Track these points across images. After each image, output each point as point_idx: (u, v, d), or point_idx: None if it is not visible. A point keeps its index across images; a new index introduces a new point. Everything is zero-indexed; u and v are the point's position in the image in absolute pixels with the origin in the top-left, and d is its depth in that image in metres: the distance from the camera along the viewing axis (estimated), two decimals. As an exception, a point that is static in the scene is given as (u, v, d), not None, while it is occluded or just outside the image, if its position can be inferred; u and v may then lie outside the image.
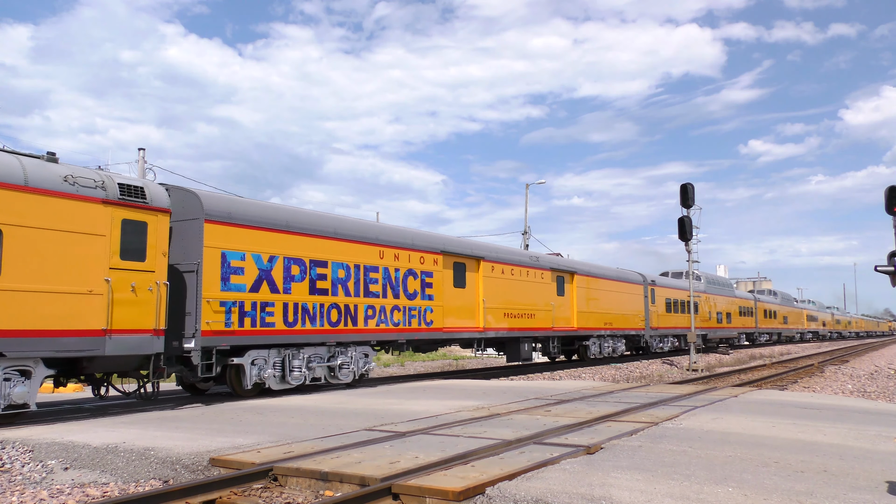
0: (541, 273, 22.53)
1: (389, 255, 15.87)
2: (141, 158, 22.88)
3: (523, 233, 38.81)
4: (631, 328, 28.91)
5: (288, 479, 6.09)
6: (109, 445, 7.24)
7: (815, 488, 5.30)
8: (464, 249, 18.97)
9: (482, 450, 6.82)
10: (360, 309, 14.87)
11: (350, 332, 14.59)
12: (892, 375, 23.62)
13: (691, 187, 24.46)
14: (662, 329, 32.22)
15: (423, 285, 16.84)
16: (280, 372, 13.06)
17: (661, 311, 32.20)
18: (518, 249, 22.79)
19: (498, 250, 20.89)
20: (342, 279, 14.48)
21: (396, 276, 15.98)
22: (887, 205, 5.60)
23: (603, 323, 26.26)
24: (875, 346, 59.41)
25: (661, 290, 32.71)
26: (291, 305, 13.31)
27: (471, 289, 19.02)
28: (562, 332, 23.44)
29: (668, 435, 7.82)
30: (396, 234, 16.50)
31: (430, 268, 17.19)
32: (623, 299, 28.47)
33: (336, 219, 15.15)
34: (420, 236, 17.45)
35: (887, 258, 5.49)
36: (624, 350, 28.50)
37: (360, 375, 14.93)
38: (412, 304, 16.43)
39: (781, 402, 11.71)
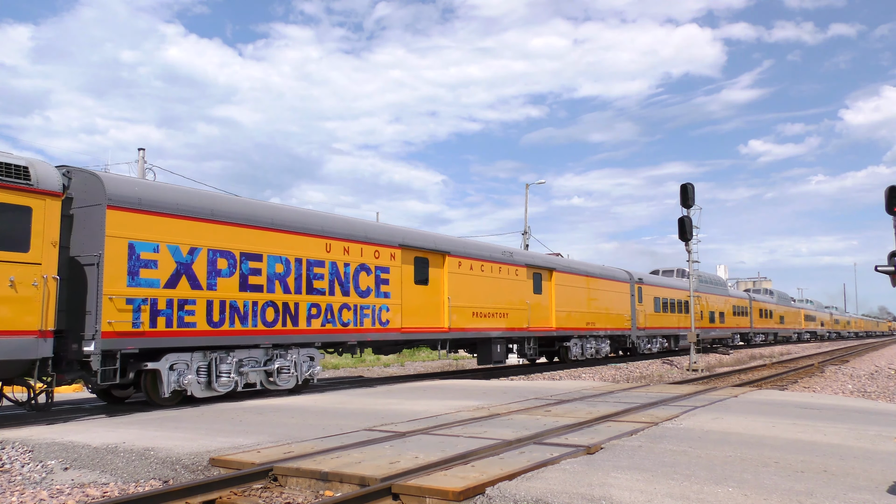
0: (515, 269, 21.13)
1: (338, 249, 14.50)
2: (141, 158, 22.88)
3: (523, 233, 38.81)
4: (616, 328, 27.64)
5: (288, 479, 6.09)
6: (109, 445, 7.24)
7: (815, 488, 5.30)
8: (426, 243, 17.48)
9: (482, 450, 6.82)
10: (303, 307, 13.52)
11: (289, 333, 13.23)
12: (892, 375, 23.62)
13: (691, 187, 24.45)
14: (651, 329, 31.06)
15: (377, 282, 15.50)
16: (206, 377, 11.76)
17: (649, 310, 31.03)
18: (489, 244, 21.26)
19: (466, 245, 19.48)
20: (280, 274, 13.15)
21: (346, 271, 14.62)
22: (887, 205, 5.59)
23: (585, 323, 25.06)
24: (875, 346, 59.41)
25: (650, 288, 31.49)
26: (217, 303, 11.94)
27: (435, 286, 17.60)
28: (539, 333, 22.14)
29: (668, 435, 7.82)
30: (346, 226, 15.12)
31: (387, 263, 15.85)
32: (607, 298, 27.16)
33: (273, 207, 13.74)
34: (374, 228, 16.16)
35: (887, 258, 5.49)
36: (608, 351, 27.41)
37: (304, 380, 13.63)
38: (364, 303, 15.04)
39: (781, 402, 11.71)
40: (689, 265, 26.70)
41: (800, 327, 66.22)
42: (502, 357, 20.15)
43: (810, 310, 74.96)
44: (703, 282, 38.80)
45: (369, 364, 27.83)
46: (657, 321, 31.91)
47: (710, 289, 40.08)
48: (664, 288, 33.33)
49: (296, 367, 13.33)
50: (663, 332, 32.65)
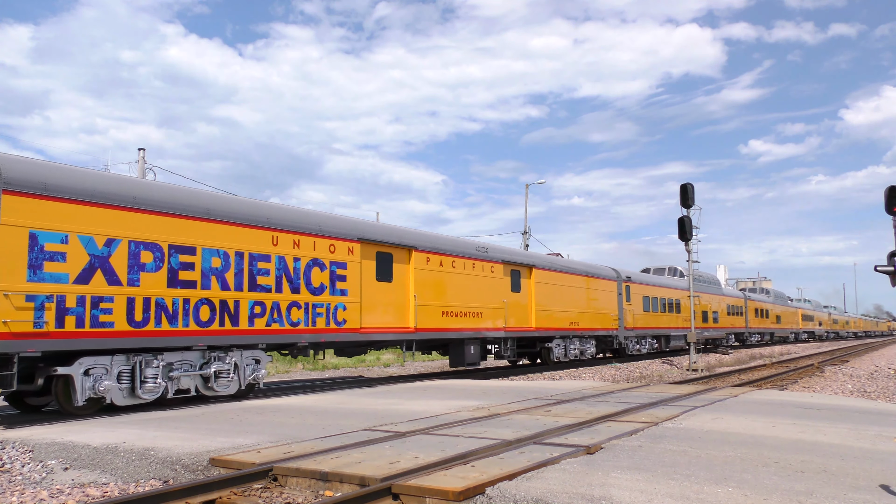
0: (490, 266, 19.92)
1: (286, 242, 13.37)
2: (141, 158, 22.89)
3: (523, 233, 38.82)
4: (601, 328, 26.46)
5: (288, 479, 6.10)
6: (109, 445, 7.24)
7: (815, 488, 5.31)
8: (389, 237, 16.32)
9: (482, 450, 6.83)
10: (244, 306, 12.39)
11: (228, 334, 12.10)
12: (892, 375, 23.62)
13: (691, 187, 24.45)
14: (640, 329, 29.84)
15: (333, 278, 14.34)
16: (129, 383, 10.69)
17: (638, 310, 29.85)
18: (461, 239, 19.80)
19: (435, 239, 18.15)
20: (217, 269, 11.98)
21: (296, 266, 13.48)
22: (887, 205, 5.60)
23: (568, 323, 23.86)
24: (875, 346, 59.42)
25: (639, 287, 30.34)
26: (140, 301, 10.76)
27: (399, 283, 16.45)
28: (517, 333, 20.97)
29: (668, 435, 7.82)
30: (296, 217, 13.92)
31: (344, 258, 14.70)
32: (592, 297, 25.97)
33: (209, 196, 12.54)
34: (329, 220, 14.85)
35: (887, 258, 5.50)
36: (594, 352, 26.22)
37: (248, 385, 12.58)
38: (317, 301, 13.89)
39: (781, 402, 11.71)
40: (689, 265, 26.69)
41: (797, 327, 65.03)
42: (476, 359, 19.08)
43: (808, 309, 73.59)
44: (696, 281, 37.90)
45: (369, 364, 27.84)
46: (647, 321, 30.77)
47: (704, 287, 38.99)
48: (654, 287, 32.28)
49: (238, 370, 12.28)
50: (653, 333, 31.53)
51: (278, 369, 23.81)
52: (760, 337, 51.72)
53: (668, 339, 33.23)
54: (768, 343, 54.12)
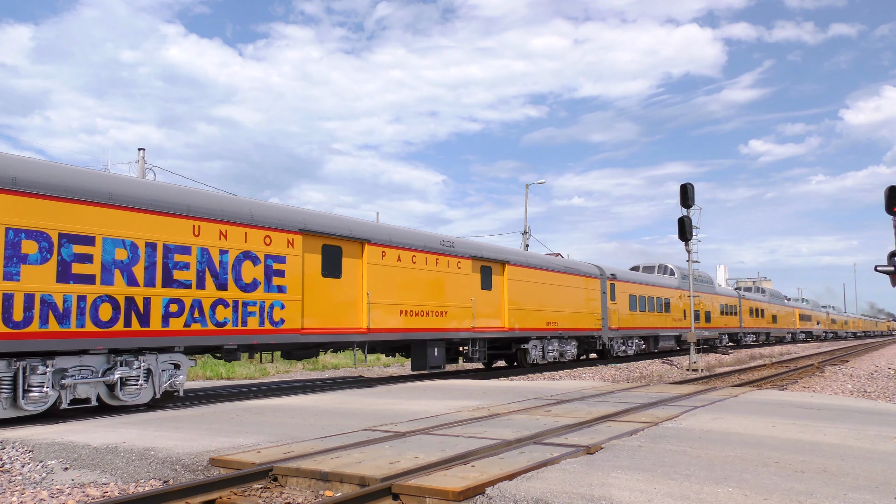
0: (457, 262, 18.42)
1: (211, 233, 11.94)
2: (141, 159, 22.89)
3: (523, 233, 38.82)
4: (583, 328, 25.07)
5: (288, 480, 6.09)
6: (109, 445, 7.24)
7: (815, 488, 5.31)
8: (337, 229, 14.87)
9: (482, 450, 6.83)
10: (157, 303, 10.96)
11: (136, 335, 10.67)
12: (892, 375, 23.62)
13: (691, 187, 24.46)
14: (625, 330, 28.46)
15: (268, 273, 12.95)
16: (10, 392, 9.32)
17: (623, 309, 28.46)
18: (424, 232, 18.23)
19: (392, 232, 16.70)
20: (122, 262, 10.57)
21: (223, 260, 12.07)
22: (887, 205, 5.61)
23: (545, 322, 22.46)
24: (875, 346, 59.41)
25: (625, 285, 28.95)
26: (20, 297, 9.44)
27: (350, 279, 15.02)
28: (488, 334, 19.51)
29: (668, 435, 7.82)
30: (223, 205, 12.46)
31: (282, 251, 13.30)
32: (573, 295, 24.53)
33: (113, 179, 11.06)
34: (264, 208, 13.35)
35: (887, 258, 5.51)
36: (575, 354, 24.83)
37: (164, 393, 11.28)
38: (249, 298, 12.50)
39: (781, 402, 11.71)
40: (689, 265, 26.69)
41: (794, 327, 63.78)
42: (440, 361, 17.69)
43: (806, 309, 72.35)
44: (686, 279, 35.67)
45: (369, 364, 27.83)
46: (633, 321, 29.46)
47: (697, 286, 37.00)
48: (642, 285, 30.91)
49: (151, 376, 10.97)
50: (640, 333, 30.13)
51: (278, 369, 23.81)
52: (756, 337, 50.59)
53: (656, 340, 32.04)
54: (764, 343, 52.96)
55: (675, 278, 35.33)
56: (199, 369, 21.64)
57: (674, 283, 34.91)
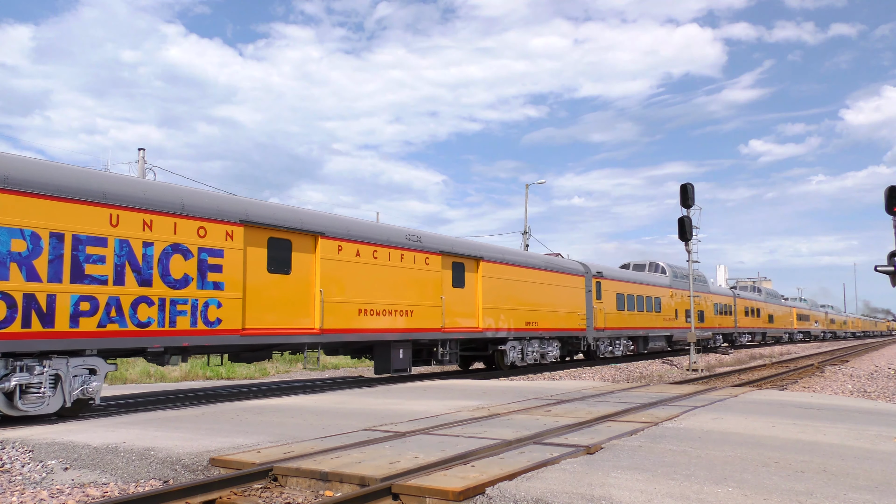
0: (425, 258, 17.24)
1: (132, 223, 10.83)
2: (141, 159, 22.90)
3: (523, 233, 38.83)
4: (566, 329, 23.83)
5: (288, 479, 6.10)
6: (109, 445, 7.24)
7: (815, 488, 5.31)
8: (285, 221, 13.60)
9: (482, 450, 6.83)
10: (63, 301, 9.88)
11: (37, 337, 9.57)
12: (892, 375, 23.62)
13: (691, 187, 24.47)
14: (612, 330, 27.21)
15: (202, 269, 11.83)
16: None
17: (610, 308, 27.22)
18: (387, 225, 17.13)
19: (350, 224, 15.46)
20: (20, 255, 9.50)
21: (147, 253, 10.96)
22: (887, 205, 5.61)
23: (524, 322, 21.24)
24: (875, 346, 59.42)
25: (612, 283, 27.69)
26: None
27: (301, 276, 13.89)
28: (459, 335, 18.28)
29: (668, 435, 7.82)
30: (147, 192, 11.25)
31: (219, 243, 12.16)
32: (555, 293, 23.32)
33: (9, 160, 9.84)
34: (197, 197, 12.16)
35: (887, 258, 5.50)
36: (557, 355, 23.55)
37: (76, 401, 10.18)
38: (179, 296, 11.39)
39: (781, 402, 11.72)
40: (689, 265, 26.69)
41: (791, 327, 62.38)
42: (405, 364, 16.53)
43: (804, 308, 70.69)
44: (678, 277, 35.40)
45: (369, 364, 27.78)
46: (621, 321, 28.20)
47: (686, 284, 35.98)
48: (631, 283, 29.69)
49: (60, 383, 9.88)
50: (629, 333, 28.89)
51: (278, 369, 23.81)
52: (751, 337, 49.21)
53: (645, 341, 30.81)
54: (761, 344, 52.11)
55: (667, 276, 34.21)
56: (200, 369, 21.64)
57: (665, 281, 33.79)
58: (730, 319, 43.49)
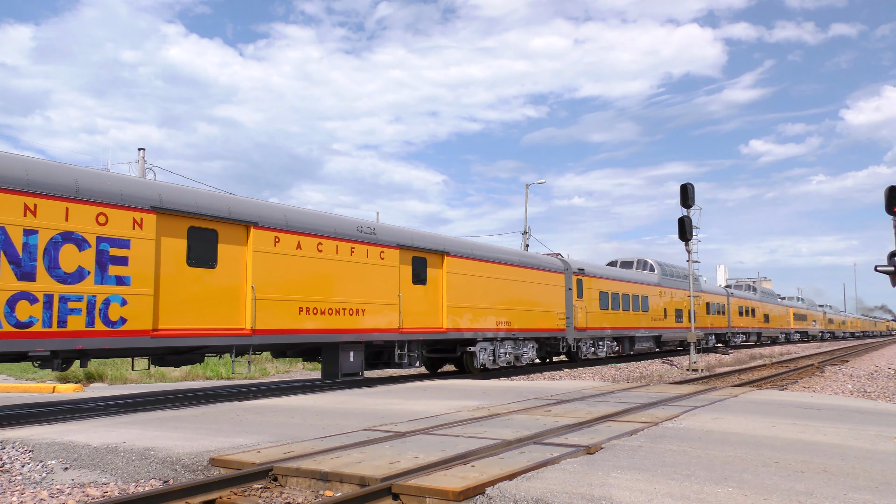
0: (380, 251, 15.83)
1: (8, 207, 9.48)
2: (141, 158, 22.90)
3: (523, 233, 38.83)
4: (543, 329, 22.37)
5: (288, 479, 6.10)
6: (109, 445, 7.24)
7: (815, 488, 5.31)
8: (211, 209, 12.18)
9: (482, 450, 6.83)
10: None
11: None
12: (892, 375, 23.63)
13: (691, 187, 24.49)
14: (595, 330, 25.79)
15: (102, 261, 10.43)
16: None
17: (593, 307, 25.80)
18: (335, 215, 15.55)
19: (290, 213, 13.92)
20: None
21: (29, 242, 9.63)
22: (887, 205, 5.61)
23: (496, 322, 19.78)
24: (875, 346, 59.45)
25: (595, 281, 26.20)
26: None
27: (229, 270, 12.45)
28: (420, 335, 16.91)
29: (668, 435, 7.82)
30: (30, 171, 9.87)
31: (124, 232, 10.79)
32: (531, 291, 21.86)
33: None
34: (96, 178, 10.79)
35: (887, 258, 5.51)
36: (533, 357, 22.05)
37: None
38: (71, 292, 10.01)
39: (781, 402, 11.72)
40: (689, 265, 26.70)
41: (788, 327, 60.89)
42: (357, 368, 15.19)
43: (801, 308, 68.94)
44: (667, 275, 33.97)
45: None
46: (604, 320, 26.75)
47: (678, 283, 34.81)
48: (616, 281, 28.25)
49: None
50: (614, 334, 27.43)
51: (278, 369, 23.81)
52: (746, 337, 47.58)
53: (631, 341, 29.40)
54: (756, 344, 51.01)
55: (655, 274, 32.89)
56: (200, 369, 21.62)
57: (653, 279, 32.48)
58: (723, 319, 42.22)
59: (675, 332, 33.70)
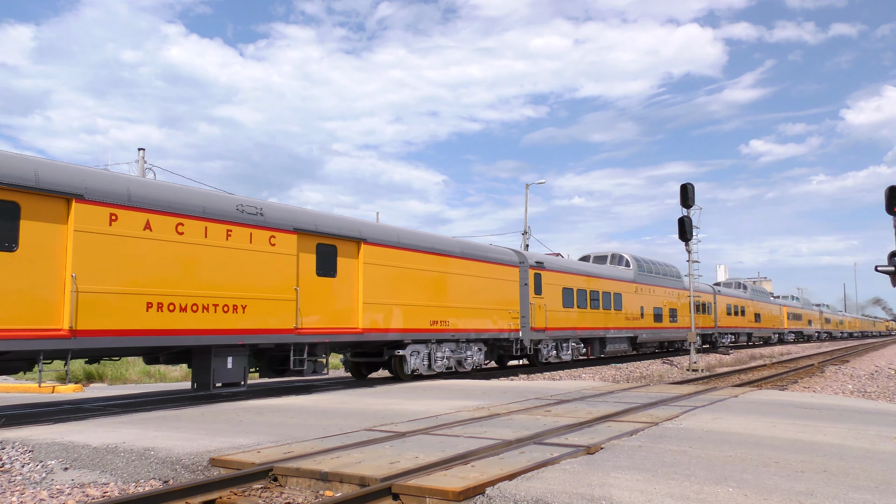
0: (268, 236, 13.20)
1: None
2: (141, 158, 22.89)
3: (523, 233, 38.82)
4: (491, 329, 19.51)
5: (288, 480, 6.10)
6: (109, 445, 7.24)
7: (816, 488, 5.31)
8: (7, 177, 9.59)
9: (482, 450, 6.83)
10: None
11: None
12: (892, 375, 23.63)
13: (691, 187, 24.49)
14: (557, 330, 23.16)
15: None
16: None
17: (554, 305, 23.14)
18: (203, 190, 13.13)
19: (133, 185, 11.40)
20: None
21: None
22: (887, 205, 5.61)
23: (429, 321, 17.12)
24: (875, 346, 59.44)
25: (556, 276, 23.63)
26: None
27: (37, 255, 9.97)
28: (326, 336, 14.18)
29: (668, 435, 7.82)
30: None
31: None
32: (475, 286, 19.06)
33: None
34: None
35: (887, 258, 5.50)
36: (481, 361, 19.36)
37: None
38: None
39: (781, 402, 11.72)
40: (689, 265, 26.70)
41: (782, 327, 57.90)
42: (237, 376, 12.78)
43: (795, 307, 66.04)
44: (645, 272, 31.34)
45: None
46: (568, 319, 24.11)
47: (657, 280, 32.13)
48: (582, 276, 25.55)
49: None
50: (580, 334, 24.79)
51: (278, 369, 23.78)
52: (734, 338, 44.42)
53: (602, 343, 26.81)
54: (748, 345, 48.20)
55: (631, 270, 30.30)
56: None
57: (628, 275, 29.86)
58: (709, 319, 39.08)
59: (654, 333, 31.12)
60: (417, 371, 17.02)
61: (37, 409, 12.02)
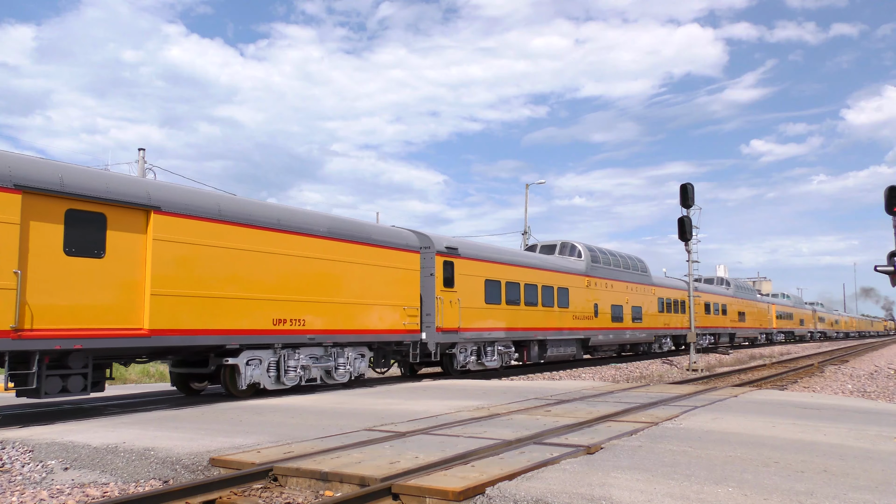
0: None
1: None
2: (141, 158, 22.90)
3: (523, 233, 38.84)
4: (379, 330, 15.79)
5: (288, 479, 6.10)
6: (109, 445, 7.24)
7: (816, 488, 5.31)
8: None
9: (482, 450, 6.83)
10: None
11: None
12: (892, 375, 23.64)
13: (691, 187, 24.50)
14: (475, 331, 19.22)
15: None
16: None
17: (474, 301, 19.23)
18: None
19: None
20: None
21: None
22: (887, 205, 5.61)
23: (273, 321, 13.12)
24: (875, 346, 59.47)
25: (477, 265, 19.60)
26: None
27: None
28: (74, 341, 10.00)
29: (668, 435, 7.82)
30: None
31: None
32: (354, 275, 15.12)
33: None
34: None
35: (887, 258, 5.51)
36: (360, 369, 15.30)
37: None
38: None
39: (781, 402, 11.72)
40: (689, 265, 26.70)
41: (770, 326, 54.55)
42: None
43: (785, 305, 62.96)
44: (602, 264, 27.64)
45: None
46: (494, 318, 20.13)
47: (614, 273, 28.33)
48: (514, 267, 21.56)
49: None
50: (511, 336, 20.89)
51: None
52: (714, 339, 40.68)
53: (542, 346, 22.84)
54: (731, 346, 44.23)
55: (582, 261, 26.25)
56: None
57: (579, 267, 25.84)
58: (682, 318, 35.22)
59: (613, 335, 27.46)
60: (259, 384, 13.07)
61: (37, 409, 12.02)
